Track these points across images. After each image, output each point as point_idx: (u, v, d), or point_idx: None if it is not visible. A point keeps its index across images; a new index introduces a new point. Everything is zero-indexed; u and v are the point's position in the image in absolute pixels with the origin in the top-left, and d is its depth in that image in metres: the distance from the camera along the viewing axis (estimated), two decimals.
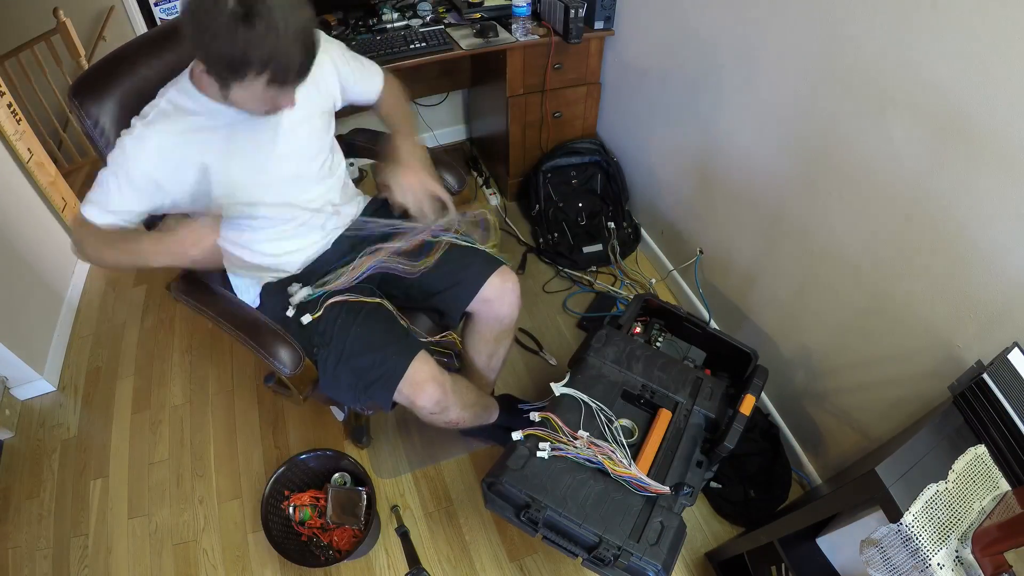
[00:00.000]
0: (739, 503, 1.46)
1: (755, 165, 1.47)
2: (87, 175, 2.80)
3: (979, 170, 0.94)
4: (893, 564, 0.80)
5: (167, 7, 1.94)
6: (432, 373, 1.16)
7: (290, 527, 1.40)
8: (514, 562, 1.43)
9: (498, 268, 1.29)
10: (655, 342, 1.44)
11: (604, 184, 2.16)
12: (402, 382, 1.13)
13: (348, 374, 1.14)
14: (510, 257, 2.14)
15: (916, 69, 0.99)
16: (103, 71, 1.10)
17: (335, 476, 1.44)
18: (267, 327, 1.11)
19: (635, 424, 1.18)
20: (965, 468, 0.83)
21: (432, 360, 1.19)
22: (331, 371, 1.15)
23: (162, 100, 1.03)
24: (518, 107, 2.03)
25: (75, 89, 1.07)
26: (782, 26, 1.26)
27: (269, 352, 1.08)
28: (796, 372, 1.50)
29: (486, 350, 1.40)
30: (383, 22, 1.95)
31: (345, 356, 1.14)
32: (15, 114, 1.99)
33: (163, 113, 1.01)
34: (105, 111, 1.08)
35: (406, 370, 1.13)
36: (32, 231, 1.99)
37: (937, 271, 1.05)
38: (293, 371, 1.08)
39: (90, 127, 1.08)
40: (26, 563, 1.47)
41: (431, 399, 1.16)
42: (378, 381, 1.13)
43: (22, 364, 1.75)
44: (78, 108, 1.07)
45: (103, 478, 1.63)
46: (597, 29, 1.91)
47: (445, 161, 1.41)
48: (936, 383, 1.09)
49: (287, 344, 1.10)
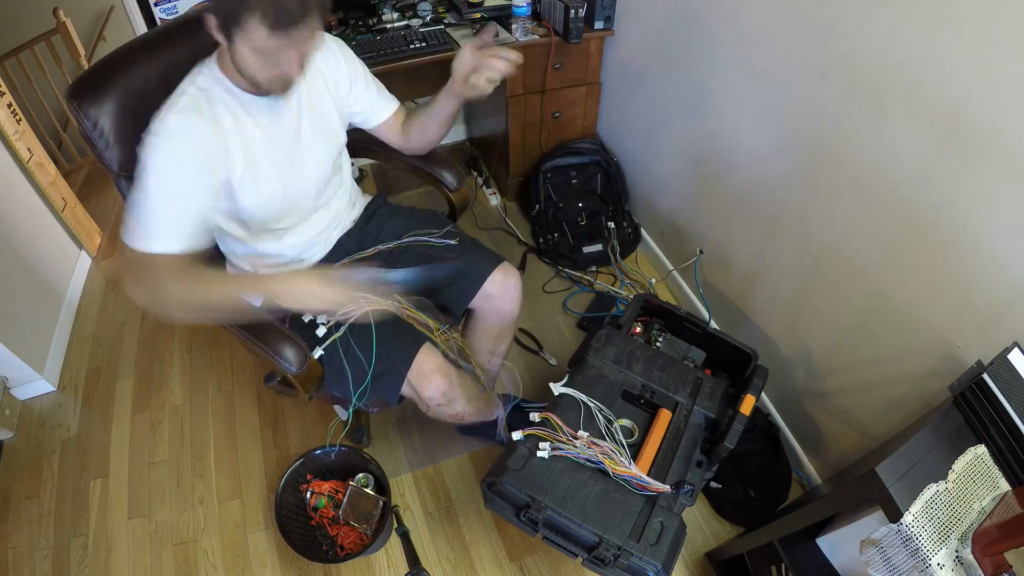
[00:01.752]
0: (739, 503, 1.46)
1: (755, 165, 1.47)
2: (87, 175, 2.81)
3: (979, 170, 0.94)
4: (893, 564, 0.80)
5: (167, 7, 1.94)
6: (438, 363, 1.17)
7: (303, 510, 1.41)
8: (514, 562, 1.43)
9: (500, 264, 1.30)
10: (655, 342, 1.44)
11: (604, 184, 2.16)
12: (409, 373, 1.13)
13: (354, 368, 1.14)
14: (510, 257, 2.13)
15: (916, 69, 0.99)
16: (101, 73, 1.10)
17: (359, 475, 1.43)
18: (271, 326, 1.11)
19: (635, 424, 1.18)
20: (965, 468, 0.83)
21: (438, 351, 1.19)
22: (336, 367, 1.15)
23: (191, 87, 1.01)
24: (518, 107, 2.03)
25: (73, 91, 1.06)
26: (782, 26, 1.26)
27: (275, 351, 1.07)
28: (796, 372, 1.50)
29: (488, 346, 1.40)
30: (383, 22, 1.95)
31: (351, 351, 1.14)
32: (15, 114, 1.99)
33: (194, 100, 1.00)
34: (104, 112, 1.07)
35: (412, 361, 1.14)
36: (32, 231, 1.99)
37: (937, 271, 1.05)
38: (299, 370, 1.08)
39: (89, 128, 1.07)
40: (26, 563, 1.47)
41: (438, 389, 1.16)
42: (385, 374, 1.13)
43: (22, 364, 1.75)
44: (76, 110, 1.05)
45: (103, 478, 1.63)
46: (597, 29, 1.91)
47: (442, 158, 1.41)
48: (936, 383, 1.09)
49: (293, 343, 1.09)
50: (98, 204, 2.57)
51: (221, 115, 1.01)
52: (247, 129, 1.04)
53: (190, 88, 1.01)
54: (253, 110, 1.05)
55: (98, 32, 3.03)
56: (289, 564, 1.43)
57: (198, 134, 0.98)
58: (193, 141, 0.97)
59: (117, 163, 1.11)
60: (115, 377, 1.88)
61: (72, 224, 2.20)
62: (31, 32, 2.60)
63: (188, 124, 0.97)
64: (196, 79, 1.02)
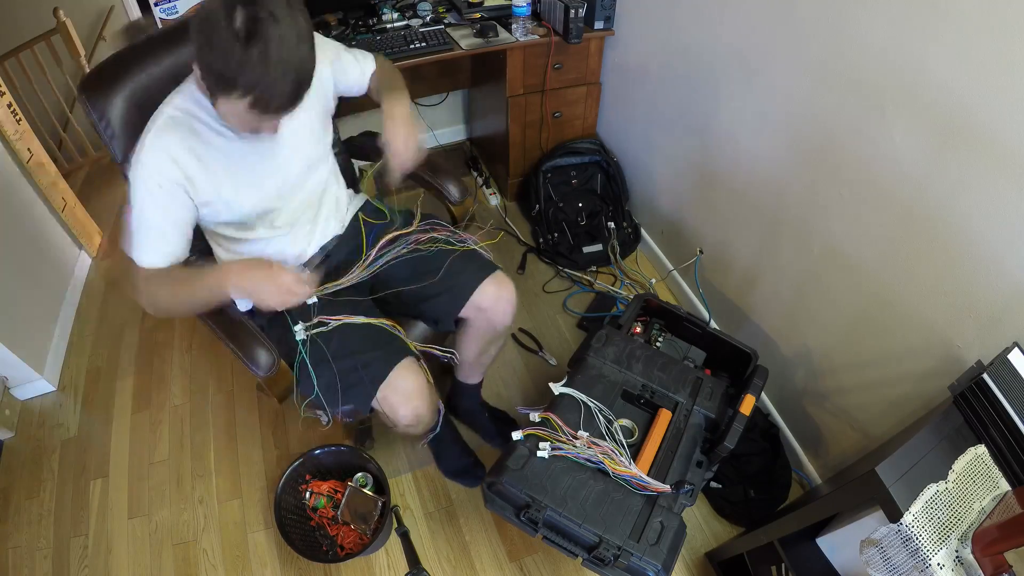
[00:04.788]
0: (739, 503, 1.46)
1: (755, 165, 1.47)
2: (87, 175, 2.81)
3: (979, 170, 0.94)
4: (893, 564, 0.80)
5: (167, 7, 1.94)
6: (418, 385, 1.14)
7: (303, 510, 1.41)
8: (514, 562, 1.43)
9: (491, 274, 1.26)
10: (655, 342, 1.44)
11: (604, 184, 2.16)
12: (388, 388, 1.10)
13: (328, 375, 1.11)
14: (510, 257, 2.14)
15: (916, 69, 0.99)
16: (112, 69, 1.12)
17: (358, 475, 1.43)
18: (247, 328, 1.11)
19: (635, 424, 1.18)
20: (965, 468, 0.83)
21: (420, 371, 1.16)
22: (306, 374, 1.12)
23: (168, 107, 1.02)
24: (518, 107, 2.03)
25: (84, 85, 1.09)
26: (782, 26, 1.26)
27: (245, 353, 1.08)
28: (796, 372, 1.50)
29: (477, 349, 1.38)
30: (383, 22, 1.95)
31: (327, 359, 1.11)
32: (15, 114, 1.99)
33: (172, 120, 1.01)
34: (113, 107, 1.10)
35: (387, 376, 1.11)
36: (32, 231, 1.99)
37: (937, 271, 1.05)
38: (267, 373, 1.08)
39: (96, 121, 1.10)
40: (26, 563, 1.47)
41: (414, 412, 1.13)
42: (358, 385, 1.11)
43: (22, 364, 1.75)
44: (86, 103, 1.08)
45: (103, 478, 1.63)
46: (597, 29, 1.91)
47: (444, 168, 1.41)
48: (936, 383, 1.09)
49: (264, 346, 1.09)
50: (98, 204, 2.56)
51: (200, 132, 1.03)
52: (226, 143, 1.05)
53: (166, 108, 1.02)
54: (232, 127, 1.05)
55: (98, 32, 3.03)
56: (289, 564, 1.43)
57: (174, 154, 0.99)
58: (169, 162, 0.99)
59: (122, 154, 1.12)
60: (115, 377, 1.88)
61: (72, 224, 2.20)
62: (31, 32, 2.60)
63: (165, 145, 0.99)
64: (175, 99, 1.04)
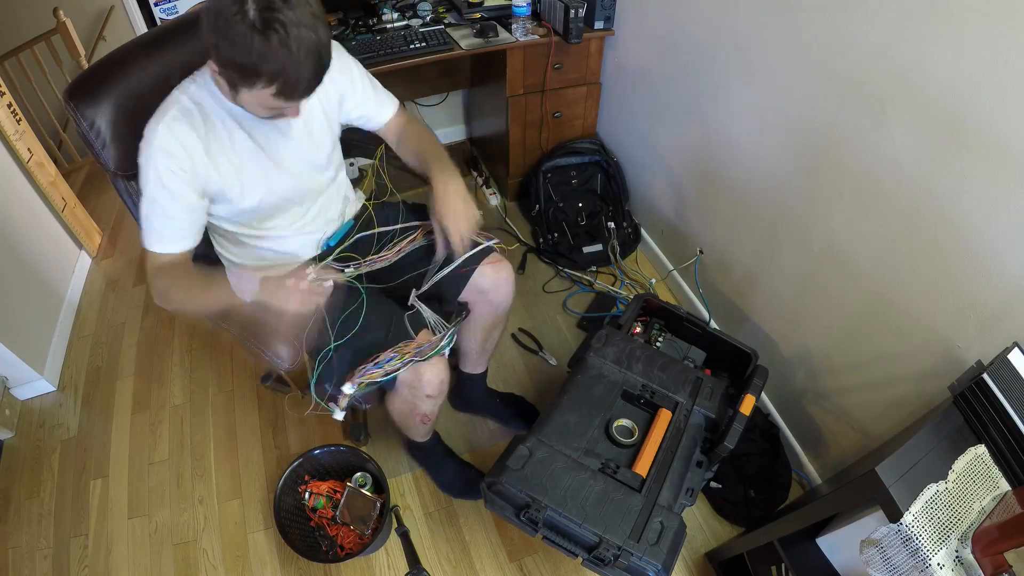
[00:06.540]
0: (739, 503, 1.46)
1: (755, 165, 1.47)
2: (87, 175, 2.80)
3: (979, 170, 0.94)
4: (893, 564, 0.80)
5: (167, 7, 1.94)
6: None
7: (302, 511, 1.41)
8: (514, 562, 1.43)
9: (489, 256, 1.29)
10: (655, 342, 1.44)
11: (604, 184, 2.16)
12: None
13: (348, 354, 1.12)
14: (510, 257, 2.12)
15: (916, 69, 0.99)
16: (98, 74, 1.10)
17: (356, 475, 1.43)
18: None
19: (635, 424, 1.18)
20: (965, 468, 0.83)
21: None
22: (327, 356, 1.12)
23: (184, 96, 1.02)
24: (518, 107, 2.03)
25: (70, 92, 1.07)
26: (782, 26, 1.26)
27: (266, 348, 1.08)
28: (796, 372, 1.50)
29: (481, 336, 1.41)
30: (383, 22, 1.95)
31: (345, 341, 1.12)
32: (15, 114, 1.99)
33: (186, 110, 1.01)
34: (101, 114, 1.08)
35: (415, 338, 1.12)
36: (32, 231, 1.99)
37: (937, 271, 1.05)
38: (291, 365, 1.08)
39: (86, 129, 1.08)
40: (26, 563, 1.47)
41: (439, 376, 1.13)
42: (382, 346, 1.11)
43: (22, 364, 1.75)
44: (74, 111, 1.06)
45: (103, 478, 1.63)
46: (597, 29, 1.91)
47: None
48: (936, 383, 1.09)
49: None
50: (98, 204, 2.57)
51: (213, 125, 1.03)
52: (238, 139, 1.06)
53: (182, 98, 1.02)
54: (245, 123, 1.06)
55: (98, 32, 3.03)
56: (289, 564, 1.43)
57: (186, 143, 1.00)
58: (180, 150, 0.99)
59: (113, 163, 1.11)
60: (115, 377, 1.88)
61: (72, 224, 2.20)
62: (31, 32, 2.60)
63: (176, 133, 0.99)
64: (188, 88, 1.03)
